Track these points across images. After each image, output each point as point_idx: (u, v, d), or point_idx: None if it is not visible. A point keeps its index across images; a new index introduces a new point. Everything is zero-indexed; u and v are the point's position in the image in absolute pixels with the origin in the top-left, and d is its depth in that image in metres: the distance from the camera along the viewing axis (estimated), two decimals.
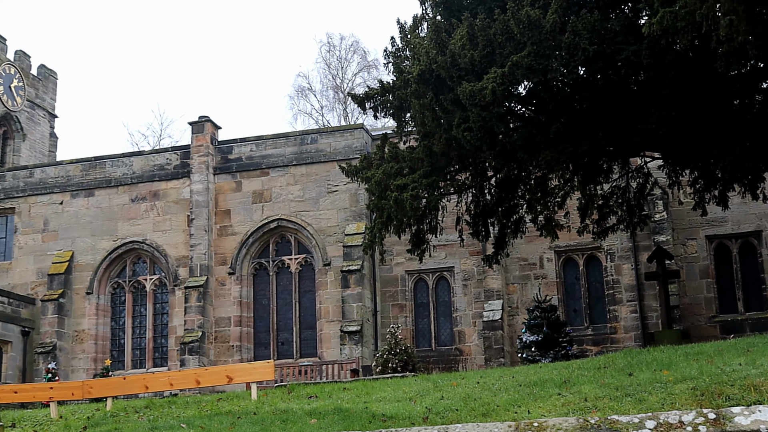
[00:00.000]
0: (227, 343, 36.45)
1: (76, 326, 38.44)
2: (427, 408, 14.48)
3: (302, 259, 36.86)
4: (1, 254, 41.14)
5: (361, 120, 53.62)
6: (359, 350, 33.56)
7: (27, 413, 21.68)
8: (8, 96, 49.17)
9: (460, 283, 35.28)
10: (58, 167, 41.01)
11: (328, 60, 61.20)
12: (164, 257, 37.97)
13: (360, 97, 26.01)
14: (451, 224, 29.83)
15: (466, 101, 21.39)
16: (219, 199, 37.85)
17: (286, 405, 17.00)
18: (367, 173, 25.72)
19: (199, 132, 38.44)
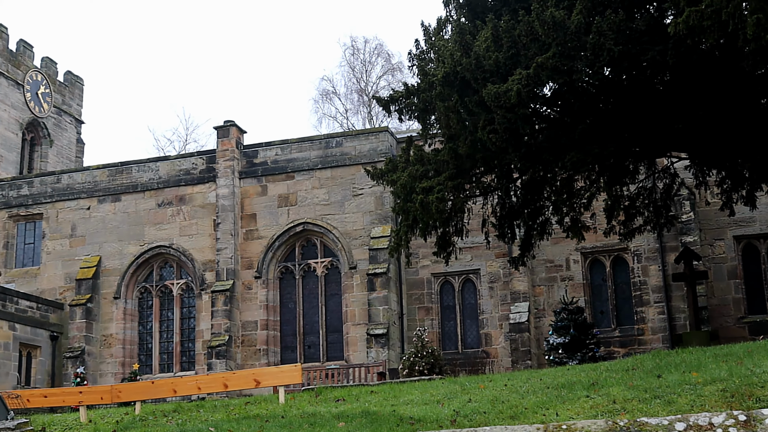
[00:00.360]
0: (254, 347, 36.52)
1: (104, 331, 38.65)
2: (455, 411, 14.46)
3: (328, 263, 36.89)
4: (29, 259, 41.43)
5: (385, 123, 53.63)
6: (386, 353, 33.54)
7: (56, 417, 21.81)
8: (35, 102, 49.53)
9: (486, 285, 35.19)
10: (85, 173, 41.24)
11: (353, 63, 61.29)
12: (191, 261, 38.11)
13: (385, 100, 26.00)
14: (476, 226, 29.75)
15: (491, 103, 21.35)
16: (245, 203, 37.96)
17: (314, 408, 17.02)
18: (392, 176, 25.72)
19: (225, 136, 38.56)
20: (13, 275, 40.76)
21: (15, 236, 41.73)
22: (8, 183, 42.27)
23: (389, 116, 27.54)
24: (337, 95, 61.50)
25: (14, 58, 48.41)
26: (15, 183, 42.19)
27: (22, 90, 48.63)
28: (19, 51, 48.99)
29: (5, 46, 47.87)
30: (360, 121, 59.85)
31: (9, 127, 47.46)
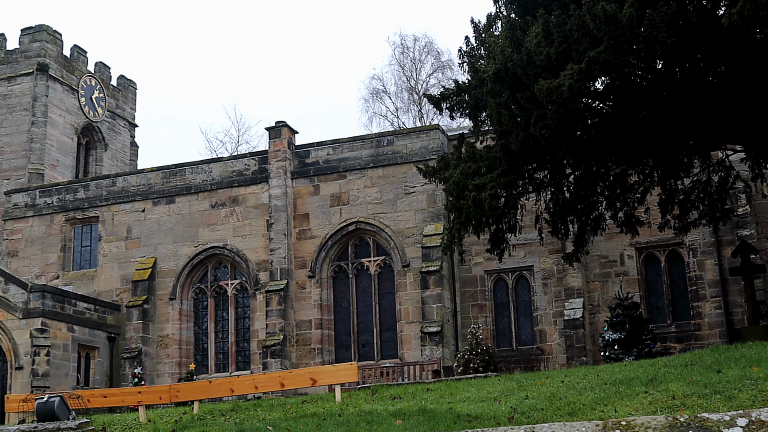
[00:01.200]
0: (308, 346, 36.67)
1: (160, 331, 39.04)
2: (512, 408, 14.41)
3: (381, 261, 36.92)
4: (86, 262, 41.96)
5: (436, 121, 53.54)
6: (440, 351, 33.49)
7: (116, 417, 22.07)
8: (90, 107, 50.17)
9: (540, 281, 35.00)
10: (139, 175, 41.69)
11: (402, 62, 61.24)
12: (245, 262, 38.35)
13: (436, 98, 25.97)
14: (529, 223, 29.65)
15: (543, 99, 21.25)
16: (297, 203, 38.12)
17: (371, 406, 17.05)
18: (444, 174, 25.69)
19: (276, 137, 38.75)
20: (71, 278, 41.33)
21: (72, 239, 42.31)
22: (65, 187, 42.87)
23: (440, 114, 27.54)
24: (387, 94, 61.55)
25: (69, 64, 49.07)
26: (71, 187, 42.78)
27: (76, 95, 49.28)
28: (73, 56, 49.64)
29: (60, 52, 48.53)
30: (410, 119, 59.86)
31: (65, 131, 48.12)
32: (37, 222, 42.71)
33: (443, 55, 60.58)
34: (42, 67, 46.96)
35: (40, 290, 35.86)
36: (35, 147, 46.06)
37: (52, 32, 48.26)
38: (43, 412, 13.44)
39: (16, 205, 43.32)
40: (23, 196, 43.39)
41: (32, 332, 35.00)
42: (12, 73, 47.50)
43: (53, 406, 13.46)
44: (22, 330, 35.25)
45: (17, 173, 45.85)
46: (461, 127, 44.36)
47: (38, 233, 42.50)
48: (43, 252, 42.18)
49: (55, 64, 47.94)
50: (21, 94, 47.21)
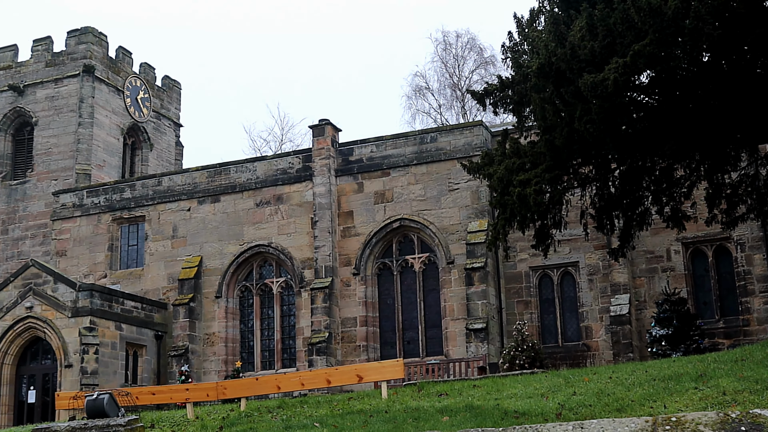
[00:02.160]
0: (354, 343, 36.71)
1: (206, 329, 39.27)
2: (560, 404, 14.31)
3: (425, 258, 36.87)
4: (133, 261, 42.33)
5: (479, 117, 53.37)
6: (485, 348, 33.38)
7: (164, 414, 22.22)
8: (135, 108, 50.58)
9: (585, 277, 34.75)
10: (184, 175, 41.97)
11: (445, 58, 61.11)
12: (290, 260, 38.47)
13: (479, 94, 25.85)
14: (574, 218, 29.42)
15: (588, 93, 21.06)
16: (341, 200, 38.16)
17: (417, 403, 17.01)
18: (488, 169, 25.56)
19: (320, 135, 38.81)
20: (118, 276, 41.71)
21: (119, 239, 42.72)
22: (111, 187, 43.27)
23: (483, 110, 27.49)
24: (430, 91, 61.45)
25: (114, 65, 49.49)
26: (118, 187, 43.17)
27: (122, 96, 49.69)
28: (119, 58, 50.07)
29: (105, 54, 48.97)
30: (453, 116, 59.72)
31: (111, 132, 48.56)
32: (84, 222, 43.15)
33: (486, 51, 60.44)
34: (88, 68, 47.40)
35: (89, 289, 36.23)
36: (82, 148, 46.52)
37: (97, 34, 48.70)
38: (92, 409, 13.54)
39: (64, 206, 43.80)
40: (71, 196, 43.87)
41: (81, 331, 35.38)
42: (59, 75, 48.00)
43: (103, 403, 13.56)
44: (71, 328, 35.64)
45: (65, 174, 46.33)
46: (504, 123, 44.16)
47: (86, 233, 42.94)
48: (90, 251, 42.61)
49: (101, 65, 48.37)
50: (68, 95, 47.69)
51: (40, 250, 45.02)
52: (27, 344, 37.35)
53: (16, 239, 46.44)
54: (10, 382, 37.19)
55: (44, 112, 47.91)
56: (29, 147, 48.30)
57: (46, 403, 36.66)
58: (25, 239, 46.15)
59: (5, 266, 45.67)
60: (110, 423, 13.03)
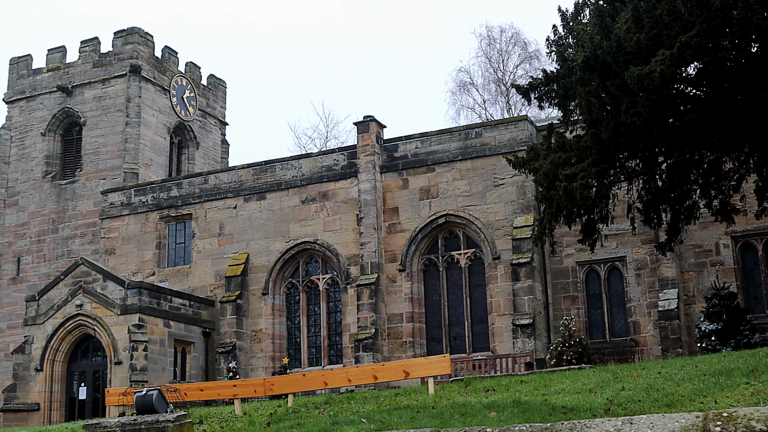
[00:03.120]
0: (400, 339, 36.67)
1: (253, 326, 39.44)
2: (608, 399, 14.17)
3: (471, 254, 36.73)
4: (180, 259, 42.65)
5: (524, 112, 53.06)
6: (532, 343, 33.19)
7: (212, 410, 22.34)
8: (181, 107, 50.91)
9: (632, 272, 34.43)
10: (230, 173, 42.17)
11: (489, 53, 60.84)
12: (335, 256, 38.52)
13: (524, 88, 25.73)
14: (621, 213, 29.17)
15: (634, 86, 20.87)
16: (386, 197, 38.13)
17: (464, 399, 16.93)
18: (534, 164, 25.43)
19: (365, 132, 38.80)
20: (166, 274, 42.04)
21: (167, 236, 43.06)
22: (158, 185, 43.61)
23: (528, 104, 27.27)
24: (474, 86, 61.23)
25: (160, 65, 49.85)
26: (165, 185, 43.49)
27: (168, 95, 50.05)
28: (164, 57, 50.43)
29: (151, 54, 49.33)
30: (498, 111, 59.45)
31: (157, 131, 48.92)
32: (132, 220, 43.53)
33: (530, 46, 60.09)
34: (135, 68, 47.78)
35: (137, 287, 36.54)
36: (129, 147, 46.90)
37: (143, 34, 49.08)
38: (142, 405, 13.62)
39: (113, 204, 44.22)
40: (119, 195, 44.28)
41: (130, 328, 35.69)
42: (106, 76, 48.43)
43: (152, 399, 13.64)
44: (120, 326, 35.98)
45: (113, 173, 46.75)
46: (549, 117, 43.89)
47: (134, 231, 43.32)
48: (138, 249, 42.98)
49: (147, 65, 48.74)
50: (115, 95, 48.10)
51: (89, 248, 45.49)
52: (77, 342, 37.78)
53: (65, 238, 46.96)
54: (62, 378, 37.65)
55: (92, 112, 48.38)
56: (78, 147, 48.81)
57: (96, 400, 37.07)
58: (75, 238, 46.65)
59: (56, 265, 46.20)
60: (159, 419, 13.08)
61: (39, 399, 37.07)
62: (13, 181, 49.25)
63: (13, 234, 48.38)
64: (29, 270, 47.39)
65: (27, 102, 50.17)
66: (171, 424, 13.05)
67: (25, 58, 51.12)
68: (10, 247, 48.27)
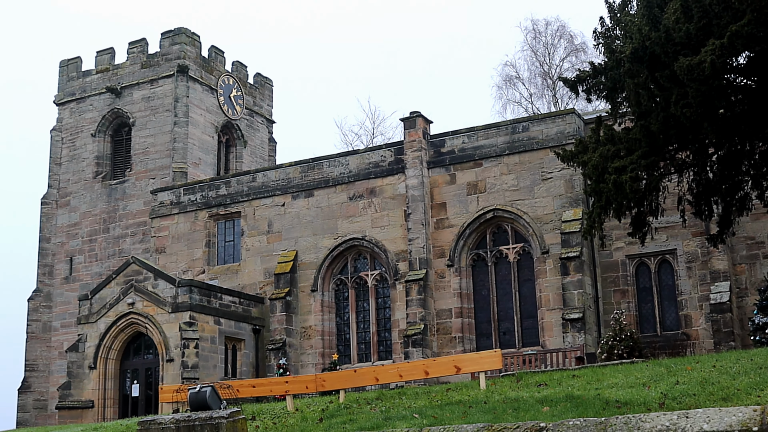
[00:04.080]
0: (449, 335, 36.61)
1: (303, 323, 39.57)
2: (663, 393, 14.03)
3: (520, 248, 36.56)
4: (230, 256, 42.90)
5: (570, 105, 52.74)
6: (582, 338, 32.97)
7: (265, 406, 22.45)
8: (229, 106, 51.20)
9: (683, 265, 34.05)
10: (278, 170, 42.33)
11: (535, 47, 60.44)
12: (384, 252, 38.53)
13: (571, 81, 25.56)
14: (671, 205, 28.84)
15: (684, 76, 20.65)
16: (434, 192, 38.06)
17: (516, 393, 16.86)
18: (583, 157, 25.25)
19: (411, 127, 38.76)
20: (216, 272, 42.31)
21: (216, 235, 43.34)
22: (207, 184, 43.90)
23: (576, 97, 27.13)
24: (520, 80, 60.85)
25: (207, 64, 50.16)
26: (214, 184, 43.77)
27: (215, 94, 50.35)
28: (211, 57, 50.73)
29: (198, 54, 49.66)
30: (545, 104, 59.07)
31: (205, 130, 49.24)
32: (182, 219, 43.87)
33: (576, 39, 59.61)
34: (182, 68, 48.12)
35: (188, 285, 36.82)
36: (178, 146, 47.26)
37: (190, 34, 49.41)
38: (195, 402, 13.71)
39: (162, 203, 44.60)
40: (168, 194, 44.64)
41: (181, 325, 35.98)
42: (154, 76, 48.83)
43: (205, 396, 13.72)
44: (171, 323, 36.29)
45: (162, 172, 47.14)
46: (597, 110, 43.57)
47: (184, 230, 43.66)
48: (188, 248, 43.31)
49: (194, 65, 49.06)
50: (163, 95, 48.49)
51: (140, 247, 45.94)
52: (129, 339, 38.16)
53: (116, 237, 47.43)
54: (115, 376, 38.05)
55: (141, 113, 48.81)
56: (127, 147, 49.28)
57: (149, 397, 37.43)
58: (126, 237, 47.12)
59: (107, 264, 46.70)
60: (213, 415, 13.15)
61: (93, 396, 37.50)
62: (64, 181, 49.84)
63: (65, 234, 48.98)
64: (82, 269, 47.95)
65: (77, 104, 50.74)
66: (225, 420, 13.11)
67: (75, 60, 51.70)
68: (62, 247, 48.88)
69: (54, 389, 44.58)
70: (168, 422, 13.45)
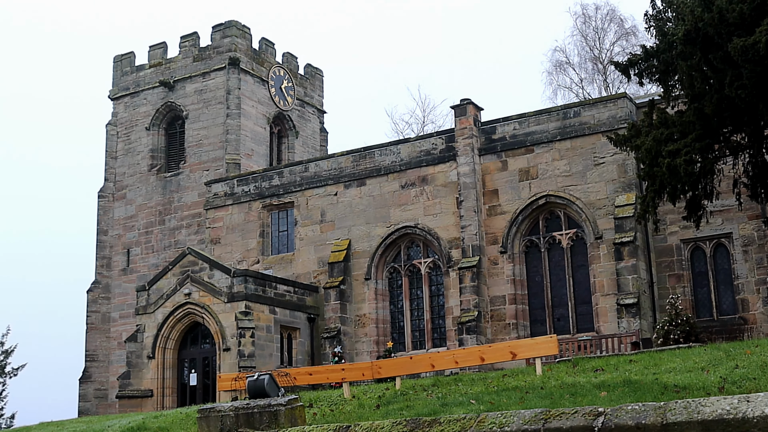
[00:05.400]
0: (503, 321, 36.47)
1: (357, 311, 39.66)
2: (722, 378, 13.86)
3: (573, 234, 36.28)
4: (284, 246, 43.11)
5: (621, 89, 52.16)
6: (637, 323, 32.66)
7: (322, 394, 22.54)
8: (280, 97, 51.39)
9: (739, 249, 33.57)
10: (330, 160, 42.42)
11: (584, 31, 59.85)
12: (436, 240, 38.47)
13: (623, 65, 25.35)
14: (727, 188, 28.49)
15: (738, 57, 20.36)
16: (486, 179, 37.89)
17: (573, 379, 16.74)
18: (636, 141, 25.01)
19: (462, 115, 38.60)
20: (270, 262, 42.54)
21: (270, 225, 43.56)
22: (260, 175, 44.13)
23: (628, 81, 26.90)
24: (570, 65, 60.32)
25: (258, 56, 50.38)
26: (266, 174, 43.99)
27: (266, 86, 50.56)
28: (262, 49, 50.93)
29: (249, 46, 49.88)
30: (595, 89, 58.50)
31: (257, 122, 49.49)
32: (236, 210, 44.16)
33: (626, 22, 58.89)
34: (233, 61, 48.37)
35: (243, 275, 37.05)
36: (231, 138, 47.55)
37: (240, 27, 49.63)
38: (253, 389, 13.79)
39: (216, 195, 44.92)
40: (222, 185, 44.95)
41: (237, 315, 36.23)
42: (206, 69, 49.16)
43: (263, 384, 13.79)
44: (227, 313, 36.55)
45: (215, 164, 47.47)
46: (648, 94, 43.06)
47: (238, 220, 43.95)
48: (243, 238, 43.59)
49: (245, 57, 49.29)
50: (215, 88, 48.80)
51: (195, 238, 46.33)
52: (187, 329, 38.51)
53: (172, 229, 47.89)
54: (173, 365, 38.44)
55: (194, 106, 49.17)
56: (181, 140, 49.69)
57: (206, 386, 37.76)
58: (181, 228, 47.54)
59: (163, 255, 47.17)
60: (271, 402, 13.23)
61: (152, 385, 37.93)
62: (120, 175, 50.40)
63: (122, 226, 49.55)
64: (138, 261, 48.50)
65: (131, 98, 51.25)
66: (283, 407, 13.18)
67: (128, 55, 52.20)
68: (119, 239, 49.46)
69: (114, 379, 45.19)
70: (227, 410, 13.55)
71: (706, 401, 8.78)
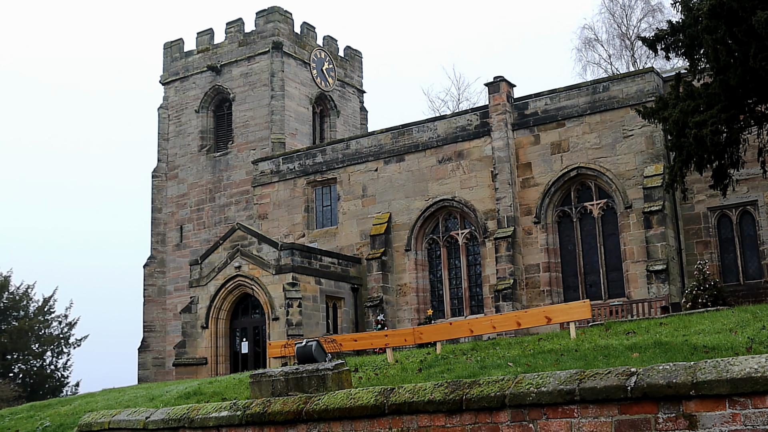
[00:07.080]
0: (537, 289, 36.40)
1: (398, 281, 39.75)
2: (750, 338, 13.76)
3: (603, 204, 36.06)
4: (327, 220, 43.27)
5: (649, 64, 51.56)
6: (666, 288, 32.46)
7: (366, 359, 22.64)
8: (321, 78, 51.41)
9: (765, 216, 33.18)
10: (370, 138, 42.43)
11: (612, 9, 59.19)
12: (473, 212, 38.40)
13: (650, 40, 25.06)
14: (752, 157, 28.16)
15: (762, 30, 20.08)
16: (519, 153, 37.74)
17: (605, 341, 16.70)
18: (663, 113, 24.76)
19: (495, 92, 38.42)
20: (315, 235, 42.71)
21: (314, 200, 43.71)
22: (304, 153, 44.24)
23: (655, 56, 26.54)
24: (599, 42, 59.70)
25: (299, 40, 50.39)
26: (310, 152, 44.09)
27: (308, 68, 50.57)
28: (303, 33, 50.93)
29: (291, 30, 49.89)
30: (623, 65, 57.87)
31: (301, 102, 49.56)
32: (282, 186, 44.34)
33: None
34: (276, 45, 48.42)
35: (289, 248, 37.23)
36: (276, 118, 47.67)
37: (283, 12, 49.64)
38: (302, 355, 13.86)
39: (263, 173, 45.12)
40: (268, 163, 45.13)
41: (285, 286, 36.44)
42: (251, 53, 49.25)
43: (311, 350, 13.85)
44: (275, 285, 36.78)
45: (262, 143, 47.64)
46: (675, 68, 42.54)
47: (283, 196, 44.13)
48: (289, 213, 43.79)
49: (288, 41, 49.31)
50: (260, 71, 48.89)
51: (243, 214, 46.60)
52: (237, 300, 38.81)
53: (222, 206, 48.20)
54: (225, 334, 38.80)
55: (240, 88, 49.33)
56: (229, 121, 49.90)
57: (257, 353, 38.09)
58: (230, 205, 47.84)
59: (214, 231, 47.53)
60: (319, 367, 13.30)
61: (206, 354, 38.33)
62: (172, 155, 50.75)
63: (175, 204, 49.94)
64: (191, 236, 48.90)
65: (181, 82, 51.50)
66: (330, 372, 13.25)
67: (177, 42, 52.41)
68: (173, 217, 49.87)
69: (170, 348, 45.74)
70: (278, 374, 13.65)
71: (734, 360, 8.72)
